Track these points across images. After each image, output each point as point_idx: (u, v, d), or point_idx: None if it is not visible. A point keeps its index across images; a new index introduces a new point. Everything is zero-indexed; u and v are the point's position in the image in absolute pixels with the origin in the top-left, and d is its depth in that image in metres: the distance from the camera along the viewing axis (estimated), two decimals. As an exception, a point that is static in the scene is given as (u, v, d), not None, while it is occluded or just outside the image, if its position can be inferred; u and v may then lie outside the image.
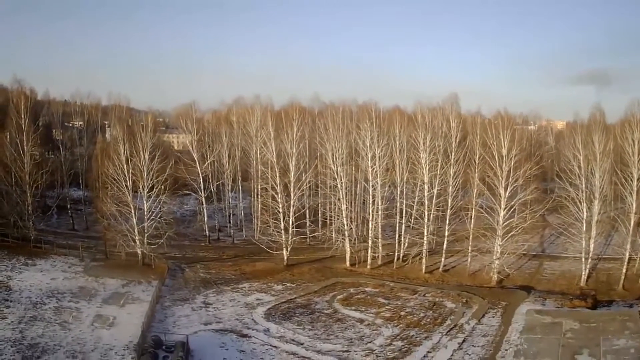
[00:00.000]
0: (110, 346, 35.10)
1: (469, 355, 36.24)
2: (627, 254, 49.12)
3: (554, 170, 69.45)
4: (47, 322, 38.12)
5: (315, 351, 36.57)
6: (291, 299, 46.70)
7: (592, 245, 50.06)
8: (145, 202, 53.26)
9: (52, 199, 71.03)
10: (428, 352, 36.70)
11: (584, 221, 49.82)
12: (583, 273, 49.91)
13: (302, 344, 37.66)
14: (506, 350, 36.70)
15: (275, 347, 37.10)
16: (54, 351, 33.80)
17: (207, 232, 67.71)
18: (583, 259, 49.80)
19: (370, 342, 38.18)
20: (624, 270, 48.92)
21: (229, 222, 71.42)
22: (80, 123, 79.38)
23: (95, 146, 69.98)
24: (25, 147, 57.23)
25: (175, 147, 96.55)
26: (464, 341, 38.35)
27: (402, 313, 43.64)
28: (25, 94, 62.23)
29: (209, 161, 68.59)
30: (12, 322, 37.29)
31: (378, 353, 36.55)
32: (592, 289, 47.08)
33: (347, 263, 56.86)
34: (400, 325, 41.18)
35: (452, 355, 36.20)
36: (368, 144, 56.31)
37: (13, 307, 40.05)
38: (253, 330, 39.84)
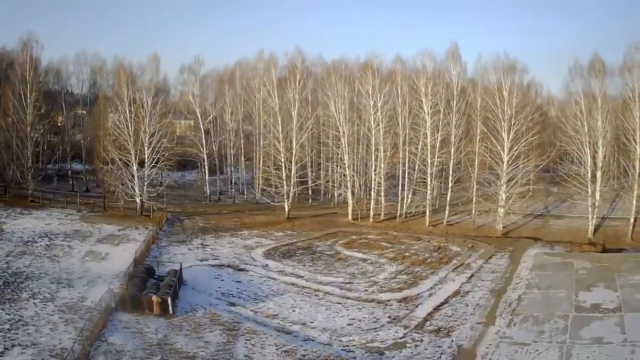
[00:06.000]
0: (99, 275, 33.66)
1: (478, 287, 34.72)
2: (635, 193, 46.53)
3: (557, 138, 66.68)
4: (36, 255, 36.77)
5: (316, 282, 35.12)
6: (292, 243, 45.34)
7: (597, 194, 47.92)
8: (146, 148, 51.80)
9: (53, 171, 69.73)
10: (435, 284, 35.27)
11: (588, 167, 47.96)
12: (590, 225, 47.88)
13: (302, 276, 36.25)
14: (517, 283, 35.19)
15: (273, 279, 35.65)
16: (38, 278, 32.40)
17: (208, 192, 66.09)
18: (590, 209, 47.68)
19: (373, 277, 36.76)
20: (632, 221, 46.78)
21: (231, 187, 69.84)
22: (83, 112, 77.79)
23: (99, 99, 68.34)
24: (28, 98, 55.70)
25: (178, 133, 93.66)
26: (472, 276, 36.97)
27: (407, 254, 42.23)
28: (29, 49, 60.15)
29: (212, 116, 67.00)
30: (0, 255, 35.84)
31: (382, 284, 35.08)
32: (601, 239, 45.44)
33: (350, 217, 55.22)
34: (405, 263, 39.79)
35: (460, 287, 34.72)
36: (370, 92, 54.61)
37: (3, 244, 38.73)
38: (251, 265, 38.42)
